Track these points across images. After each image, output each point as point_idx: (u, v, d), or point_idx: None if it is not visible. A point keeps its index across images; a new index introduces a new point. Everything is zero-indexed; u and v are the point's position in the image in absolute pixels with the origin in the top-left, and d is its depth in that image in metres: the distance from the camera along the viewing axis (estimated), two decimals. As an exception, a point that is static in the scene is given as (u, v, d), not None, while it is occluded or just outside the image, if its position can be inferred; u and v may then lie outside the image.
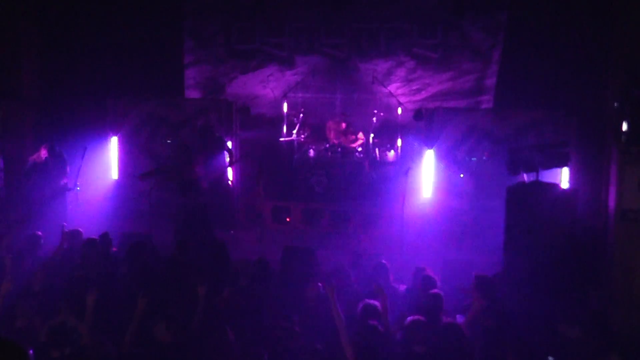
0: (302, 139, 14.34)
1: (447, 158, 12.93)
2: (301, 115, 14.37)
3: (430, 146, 12.93)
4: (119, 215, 13.00)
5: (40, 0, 14.38)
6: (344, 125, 14.32)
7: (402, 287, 8.44)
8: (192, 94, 15.41)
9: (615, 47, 11.43)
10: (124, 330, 6.43)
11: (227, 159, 12.73)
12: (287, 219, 13.62)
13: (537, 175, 9.39)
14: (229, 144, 13.20)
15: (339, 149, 14.09)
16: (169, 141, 13.94)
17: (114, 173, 14.19)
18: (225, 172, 12.70)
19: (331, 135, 14.34)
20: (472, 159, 12.84)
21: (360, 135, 14.27)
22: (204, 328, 6.70)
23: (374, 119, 14.18)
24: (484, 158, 12.78)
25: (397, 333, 6.76)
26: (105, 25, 14.59)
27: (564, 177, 11.92)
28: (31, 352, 3.60)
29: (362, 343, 6.28)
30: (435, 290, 7.63)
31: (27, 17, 14.17)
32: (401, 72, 14.63)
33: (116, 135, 14.11)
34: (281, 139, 14.43)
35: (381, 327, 6.50)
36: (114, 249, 9.68)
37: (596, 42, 12.32)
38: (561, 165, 10.69)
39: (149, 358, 6.28)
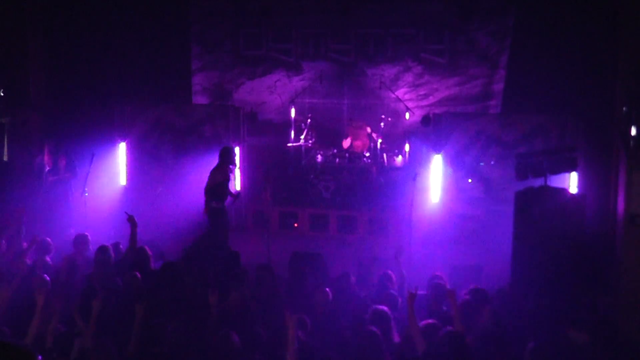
0: (310, 145, 14.35)
1: (455, 163, 12.92)
2: (309, 120, 14.39)
3: (438, 151, 12.92)
4: (126, 221, 12.99)
5: (47, 9, 14.44)
6: (369, 129, 14.31)
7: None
8: (200, 100, 15.44)
9: (623, 52, 11.40)
10: (128, 336, 6.43)
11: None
12: (295, 225, 13.64)
13: (545, 180, 9.38)
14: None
15: (347, 154, 14.10)
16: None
17: (122, 179, 14.23)
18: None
19: (357, 143, 14.30)
20: (480, 163, 12.84)
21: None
22: (209, 333, 6.69)
23: (382, 124, 14.18)
24: (492, 163, 12.77)
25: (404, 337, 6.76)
26: (112, 32, 14.66)
27: (572, 182, 11.90)
28: (40, 357, 3.60)
29: (361, 348, 6.27)
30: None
31: (34, 25, 14.24)
32: (408, 78, 14.63)
33: (124, 142, 14.16)
34: (289, 145, 14.45)
35: (383, 331, 6.50)
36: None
37: (604, 47, 12.30)
38: (569, 170, 10.68)
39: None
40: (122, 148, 14.17)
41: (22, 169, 13.41)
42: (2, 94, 13.43)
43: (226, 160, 11.20)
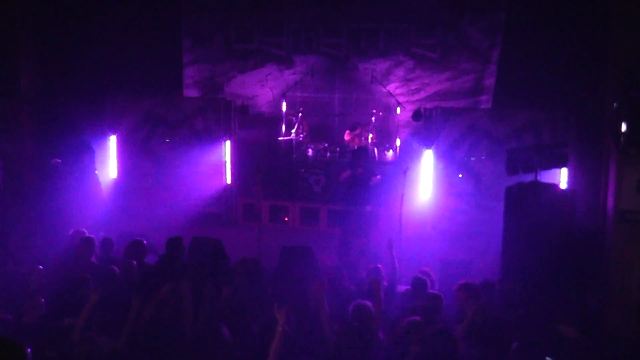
0: (301, 139, 14.34)
1: (446, 158, 12.93)
2: (300, 114, 14.37)
3: (428, 146, 12.93)
4: (117, 213, 12.97)
5: (38, 0, 14.36)
6: (358, 129, 14.30)
7: (401, 288, 8.43)
8: (191, 93, 15.41)
9: (614, 48, 11.42)
10: (119, 330, 6.41)
11: None
12: (285, 219, 13.63)
13: (536, 176, 9.40)
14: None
15: (338, 149, 14.09)
16: (167, 140, 13.97)
17: (112, 172, 14.20)
18: None
19: (357, 140, 14.26)
20: (471, 159, 12.85)
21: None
22: (199, 327, 6.69)
23: (373, 118, 14.17)
24: (483, 158, 12.79)
25: (391, 334, 6.77)
26: (104, 23, 14.60)
27: (562, 178, 11.93)
28: (29, 350, 3.60)
29: (349, 343, 6.28)
30: (434, 292, 7.64)
31: (25, 16, 14.15)
32: (400, 72, 14.62)
33: (114, 134, 14.12)
34: (280, 138, 14.42)
35: (373, 326, 6.51)
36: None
37: (595, 43, 12.31)
38: (560, 166, 10.71)
39: (144, 357, 6.26)
40: (112, 140, 14.14)
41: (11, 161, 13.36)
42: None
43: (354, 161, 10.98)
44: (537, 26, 13.12)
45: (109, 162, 14.16)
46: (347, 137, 14.31)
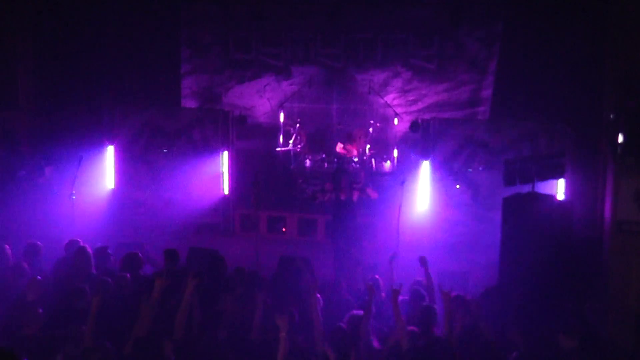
0: (299, 149, 14.35)
1: (443, 169, 12.94)
2: (297, 125, 14.38)
3: (426, 157, 12.94)
4: (114, 224, 12.96)
5: (36, 10, 14.38)
6: (354, 134, 14.28)
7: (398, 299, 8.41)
8: (189, 103, 15.41)
9: (610, 59, 11.46)
10: (120, 339, 6.39)
11: None
12: (283, 229, 13.61)
13: (533, 187, 9.41)
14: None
15: (335, 159, 14.10)
16: (165, 150, 13.96)
17: (109, 182, 14.18)
18: None
19: (354, 150, 14.22)
20: (468, 170, 12.85)
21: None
22: (198, 334, 6.69)
23: (370, 129, 14.19)
24: (480, 169, 12.79)
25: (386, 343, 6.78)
26: (102, 34, 14.61)
27: (559, 189, 11.94)
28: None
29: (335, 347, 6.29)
30: (430, 303, 7.65)
31: (22, 26, 14.17)
32: (397, 83, 14.64)
33: (112, 144, 14.11)
34: (277, 149, 14.44)
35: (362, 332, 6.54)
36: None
37: (592, 54, 12.35)
38: (557, 177, 10.71)
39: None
40: (110, 151, 14.12)
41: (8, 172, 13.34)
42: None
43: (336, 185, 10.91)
44: (534, 37, 13.18)
45: (106, 172, 14.13)
46: (338, 149, 14.27)
